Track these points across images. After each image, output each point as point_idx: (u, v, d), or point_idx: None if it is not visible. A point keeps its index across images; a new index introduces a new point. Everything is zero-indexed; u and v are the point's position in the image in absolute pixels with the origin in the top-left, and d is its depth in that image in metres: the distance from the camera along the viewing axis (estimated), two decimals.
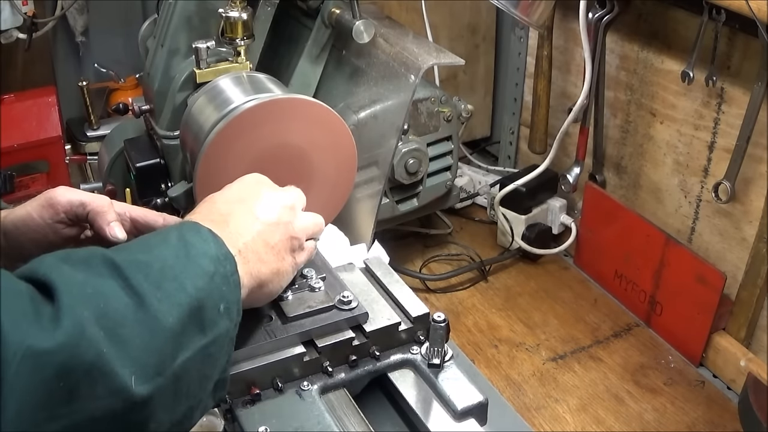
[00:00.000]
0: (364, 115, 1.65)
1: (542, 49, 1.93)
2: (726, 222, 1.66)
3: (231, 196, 0.85)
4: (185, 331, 0.65)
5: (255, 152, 1.15)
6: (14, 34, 2.07)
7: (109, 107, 2.31)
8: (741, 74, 1.55)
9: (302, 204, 0.92)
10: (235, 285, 0.73)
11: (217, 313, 0.69)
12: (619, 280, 1.89)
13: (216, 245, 0.73)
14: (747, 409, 1.40)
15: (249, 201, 0.84)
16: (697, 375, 1.69)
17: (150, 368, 0.62)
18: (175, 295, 0.66)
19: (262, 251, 0.80)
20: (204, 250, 0.71)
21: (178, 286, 0.66)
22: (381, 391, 0.93)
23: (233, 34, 1.42)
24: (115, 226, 0.88)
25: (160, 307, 0.64)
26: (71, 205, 0.88)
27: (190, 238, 0.72)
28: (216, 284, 0.70)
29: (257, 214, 0.82)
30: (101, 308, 0.60)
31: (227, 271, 0.72)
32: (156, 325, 0.63)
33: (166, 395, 0.64)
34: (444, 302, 1.92)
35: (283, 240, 0.84)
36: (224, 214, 0.80)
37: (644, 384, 1.67)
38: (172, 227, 0.74)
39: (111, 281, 0.63)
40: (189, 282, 0.67)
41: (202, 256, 0.70)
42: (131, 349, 0.61)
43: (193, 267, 0.69)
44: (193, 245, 0.71)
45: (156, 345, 0.63)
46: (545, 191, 2.04)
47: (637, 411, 1.60)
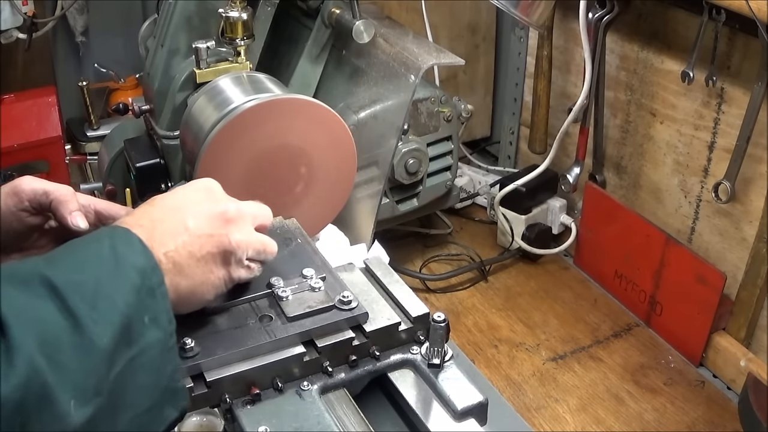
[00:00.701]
0: (364, 115, 1.65)
1: (542, 49, 1.93)
2: (726, 222, 1.66)
3: (170, 202, 0.83)
4: (117, 348, 0.67)
5: (255, 152, 1.15)
6: (14, 34, 2.07)
7: (109, 107, 2.31)
8: (741, 74, 1.55)
9: (259, 220, 0.90)
10: (162, 296, 0.73)
11: (143, 325, 0.70)
12: (619, 280, 1.89)
13: (145, 257, 0.73)
14: (747, 409, 1.40)
15: (184, 210, 0.82)
16: (697, 375, 1.69)
17: (89, 390, 0.64)
18: (108, 314, 0.67)
19: (184, 263, 0.79)
20: (133, 262, 0.72)
21: (111, 305, 0.68)
22: (381, 391, 0.93)
23: (233, 34, 1.42)
24: (77, 215, 0.89)
25: (95, 328, 0.65)
26: (35, 194, 0.90)
27: (121, 250, 0.72)
28: (141, 298, 0.71)
29: (187, 224, 0.80)
30: (42, 334, 0.62)
31: (153, 283, 0.72)
32: (91, 347, 0.65)
33: (106, 412, 0.66)
34: (444, 302, 1.92)
35: (213, 252, 0.82)
36: (155, 220, 0.79)
37: (644, 384, 1.67)
38: (105, 234, 0.74)
39: (49, 303, 0.65)
40: (120, 298, 0.69)
41: (131, 269, 0.71)
42: (70, 373, 0.63)
43: (122, 282, 0.70)
44: (124, 257, 0.71)
45: (92, 366, 0.65)
46: (545, 191, 2.04)
47: (637, 411, 1.60)
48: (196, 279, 0.80)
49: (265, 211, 0.91)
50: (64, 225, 0.89)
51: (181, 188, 0.87)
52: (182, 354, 0.83)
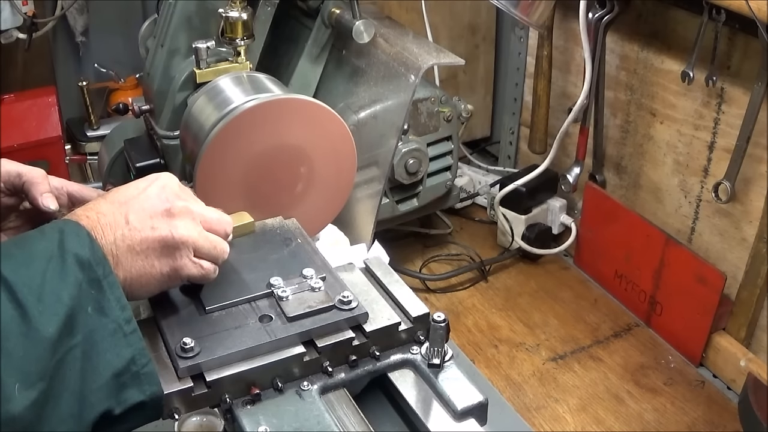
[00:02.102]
0: (364, 115, 1.65)
1: (542, 49, 1.93)
2: (726, 222, 1.66)
3: (121, 195, 0.86)
4: (61, 337, 0.71)
5: (255, 152, 1.15)
6: (14, 34, 2.07)
7: (109, 107, 2.31)
8: (741, 74, 1.55)
9: (212, 225, 0.90)
10: (110, 286, 0.76)
11: (86, 314, 0.73)
12: (619, 280, 1.89)
13: (91, 249, 0.76)
14: (747, 409, 1.40)
15: (129, 204, 0.85)
16: (697, 375, 1.69)
17: (32, 375, 0.68)
18: (53, 306, 0.71)
19: (122, 255, 0.82)
20: (78, 255, 0.75)
21: (57, 298, 0.72)
22: (381, 391, 0.93)
23: (233, 34, 1.42)
24: (47, 197, 0.92)
25: (41, 318, 0.70)
26: (9, 175, 0.93)
27: (68, 244, 0.75)
28: (84, 290, 0.74)
29: (129, 218, 0.83)
30: None
31: (99, 275, 0.75)
32: (37, 336, 0.69)
33: (48, 394, 0.70)
34: (444, 302, 1.92)
35: (153, 246, 0.83)
36: (100, 213, 0.82)
37: (644, 384, 1.67)
38: (56, 229, 0.77)
39: (1, 294, 0.69)
40: (65, 293, 0.72)
41: (74, 264, 0.74)
42: (15, 359, 0.67)
43: (67, 277, 0.73)
44: (69, 251, 0.75)
45: (37, 354, 0.69)
46: (545, 191, 2.04)
47: (637, 411, 1.60)
48: (133, 272, 0.83)
49: (223, 218, 0.92)
50: (36, 206, 0.92)
51: (136, 182, 0.89)
52: (182, 354, 0.83)
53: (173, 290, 0.93)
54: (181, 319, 0.89)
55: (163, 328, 0.88)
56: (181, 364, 0.83)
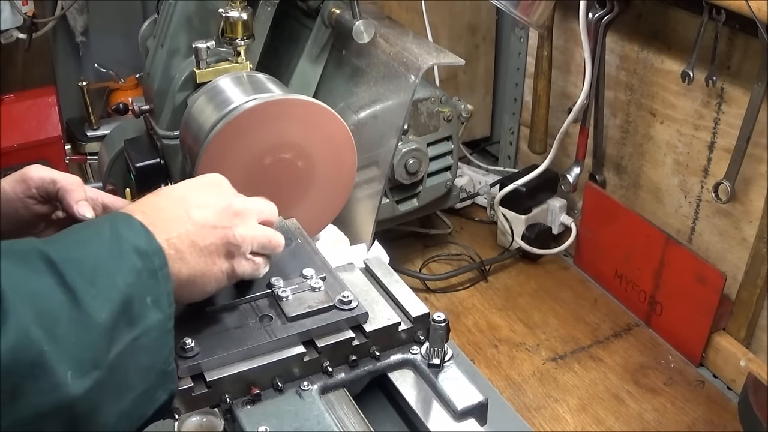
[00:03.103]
0: (364, 115, 1.65)
1: (542, 49, 1.93)
2: (726, 222, 1.66)
3: (176, 192, 0.84)
4: (116, 325, 0.68)
5: (255, 152, 1.15)
6: (14, 34, 2.07)
7: (109, 107, 2.31)
8: (741, 74, 1.55)
9: (264, 216, 0.89)
10: (164, 278, 0.74)
11: (145, 305, 0.71)
12: (619, 280, 1.89)
13: (146, 239, 0.74)
14: (747, 409, 1.40)
15: (188, 200, 0.83)
16: (697, 375, 1.69)
17: (86, 363, 0.65)
18: (107, 291, 0.68)
19: (186, 251, 0.79)
20: (135, 244, 0.72)
21: (110, 283, 0.68)
22: (381, 391, 0.93)
23: (233, 34, 1.42)
24: (83, 204, 0.89)
25: (93, 303, 0.66)
26: (42, 182, 0.90)
27: (123, 232, 0.73)
28: (143, 279, 0.71)
29: (191, 213, 0.81)
30: (39, 307, 0.63)
31: (155, 265, 0.73)
32: (89, 322, 0.66)
33: (106, 388, 0.66)
34: (444, 302, 1.92)
35: (216, 243, 0.82)
36: (158, 208, 0.80)
37: (644, 384, 1.67)
38: (106, 219, 0.75)
39: (47, 278, 0.65)
40: (120, 278, 0.69)
41: (131, 252, 0.72)
42: (67, 345, 0.64)
43: (123, 263, 0.70)
44: (125, 239, 0.72)
45: (90, 340, 0.65)
46: (545, 191, 2.04)
47: (637, 411, 1.60)
48: (197, 269, 0.80)
49: (271, 208, 0.91)
50: (71, 214, 0.89)
51: (189, 181, 0.87)
52: (182, 354, 0.83)
53: None
54: (180, 319, 0.89)
55: None
56: (181, 364, 0.83)
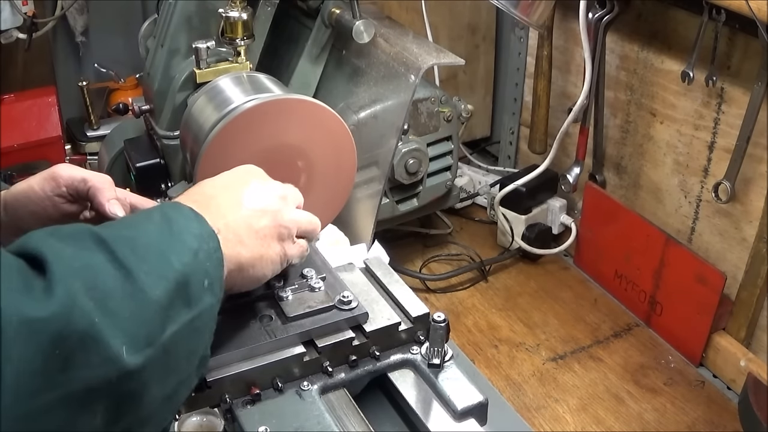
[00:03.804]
0: (364, 115, 1.65)
1: (542, 49, 1.93)
2: (726, 222, 1.66)
3: (219, 182, 0.85)
4: (172, 304, 0.66)
5: (255, 152, 1.15)
6: (14, 34, 2.07)
7: (109, 107, 2.31)
8: (741, 74, 1.55)
9: (297, 201, 0.91)
10: (218, 262, 0.73)
11: (202, 288, 0.70)
12: (619, 280, 1.89)
13: (198, 223, 0.73)
14: (747, 409, 1.40)
15: (236, 187, 0.84)
16: (697, 375, 1.69)
17: (140, 339, 0.63)
18: (161, 268, 0.67)
19: (244, 234, 0.80)
20: (187, 227, 0.72)
21: (164, 261, 0.67)
22: (381, 391, 0.93)
23: (233, 34, 1.42)
24: (114, 203, 0.89)
25: (146, 279, 0.65)
26: (73, 180, 0.89)
27: (174, 216, 0.72)
28: (200, 260, 0.70)
29: (242, 199, 0.82)
30: (90, 281, 0.61)
31: (210, 248, 0.72)
32: (143, 298, 0.64)
33: (157, 367, 0.65)
34: (444, 302, 1.92)
35: (269, 226, 0.83)
36: (209, 196, 0.81)
37: (644, 384, 1.67)
38: (155, 207, 0.75)
39: (98, 254, 0.64)
40: (174, 257, 0.68)
41: (185, 233, 0.71)
42: (121, 320, 0.62)
43: (177, 243, 0.70)
44: (176, 222, 0.72)
45: (144, 317, 0.64)
46: (545, 191, 2.04)
47: (637, 411, 1.60)
48: (255, 251, 0.81)
49: (298, 193, 0.92)
50: (101, 212, 0.89)
51: (227, 172, 0.88)
52: None
53: None
54: None
55: None
56: None
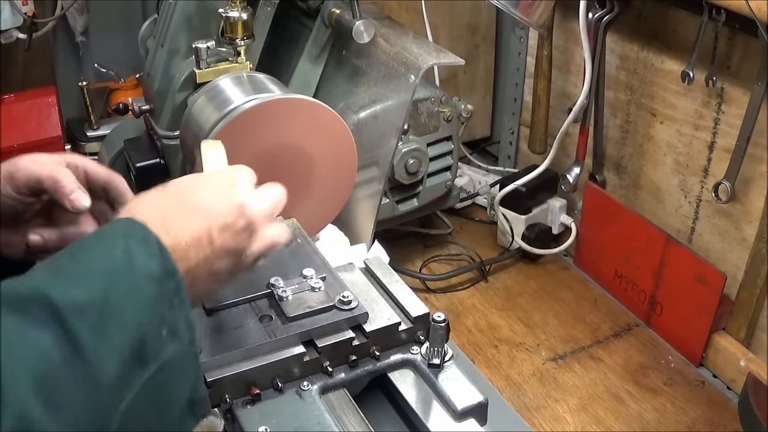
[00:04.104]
0: (364, 115, 1.65)
1: (542, 49, 1.93)
2: (726, 222, 1.66)
3: (195, 200, 0.76)
4: (127, 372, 0.62)
5: (255, 152, 1.15)
6: (14, 34, 2.07)
7: (109, 107, 2.31)
8: (741, 74, 1.55)
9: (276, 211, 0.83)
10: (180, 303, 0.68)
11: (160, 339, 0.65)
12: (619, 280, 1.89)
13: (162, 261, 0.67)
14: (747, 409, 1.40)
15: (213, 218, 0.75)
16: (697, 375, 1.69)
17: (93, 425, 0.59)
18: (115, 337, 0.61)
19: (200, 278, 0.74)
20: (149, 269, 0.66)
21: (120, 326, 0.62)
22: (381, 391, 0.93)
23: (233, 34, 1.42)
24: (76, 198, 0.85)
25: (99, 362, 0.60)
26: (28, 181, 0.86)
27: (136, 253, 0.66)
28: (158, 310, 0.65)
29: (213, 237, 0.74)
30: (40, 371, 0.57)
31: (171, 291, 0.67)
32: (96, 379, 0.60)
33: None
34: (444, 302, 1.92)
35: (229, 269, 0.77)
36: (182, 226, 0.72)
37: (644, 384, 1.67)
38: (120, 233, 0.67)
39: (50, 331, 0.59)
40: (131, 316, 0.63)
41: (145, 280, 0.65)
42: (71, 413, 0.58)
43: (135, 294, 0.64)
44: (139, 265, 0.65)
45: (97, 399, 0.60)
46: (545, 191, 2.04)
47: (637, 411, 1.60)
48: (205, 290, 0.77)
49: (281, 197, 0.84)
50: (66, 209, 0.86)
51: (207, 179, 0.81)
52: None
53: None
54: None
55: None
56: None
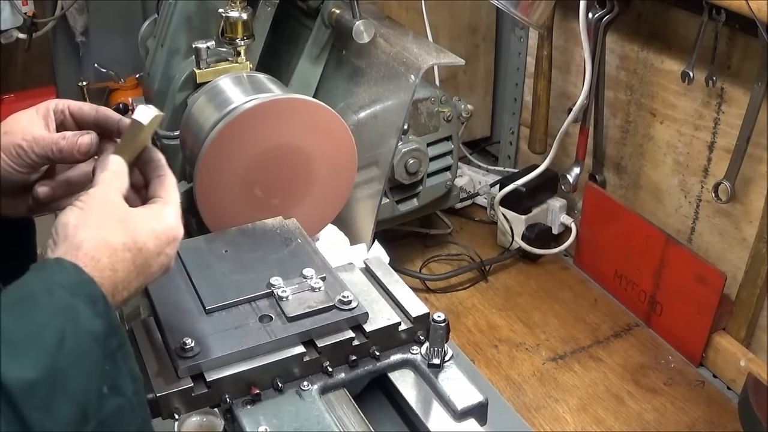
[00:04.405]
0: (364, 115, 1.65)
1: (542, 49, 1.93)
2: (726, 222, 1.66)
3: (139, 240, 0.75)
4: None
5: (255, 152, 1.15)
6: (14, 34, 2.07)
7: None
8: (741, 74, 1.55)
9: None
10: (124, 357, 0.69)
11: (101, 397, 0.66)
12: (619, 280, 1.89)
13: (107, 317, 0.68)
14: (747, 409, 1.40)
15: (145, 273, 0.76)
16: (697, 375, 1.69)
17: None
18: (62, 410, 0.63)
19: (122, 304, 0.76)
20: (95, 330, 0.67)
21: (66, 397, 0.63)
22: (381, 391, 0.93)
23: (233, 34, 1.42)
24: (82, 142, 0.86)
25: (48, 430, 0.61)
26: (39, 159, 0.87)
27: (83, 314, 0.66)
28: (101, 369, 0.66)
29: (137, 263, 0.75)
30: None
31: (114, 347, 0.68)
32: None
33: None
34: (444, 302, 1.92)
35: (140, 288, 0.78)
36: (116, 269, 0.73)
37: (644, 384, 1.67)
38: (67, 289, 0.67)
39: (3, 417, 0.59)
40: (77, 384, 0.64)
41: (92, 341, 0.66)
42: None
43: (82, 359, 0.65)
44: (85, 328, 0.66)
45: None
46: (545, 191, 2.04)
47: (637, 411, 1.60)
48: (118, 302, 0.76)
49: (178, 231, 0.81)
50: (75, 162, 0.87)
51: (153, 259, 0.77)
52: (182, 354, 0.83)
53: (174, 290, 0.94)
54: (181, 319, 0.89)
55: (163, 328, 0.88)
56: (181, 364, 0.83)
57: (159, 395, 0.82)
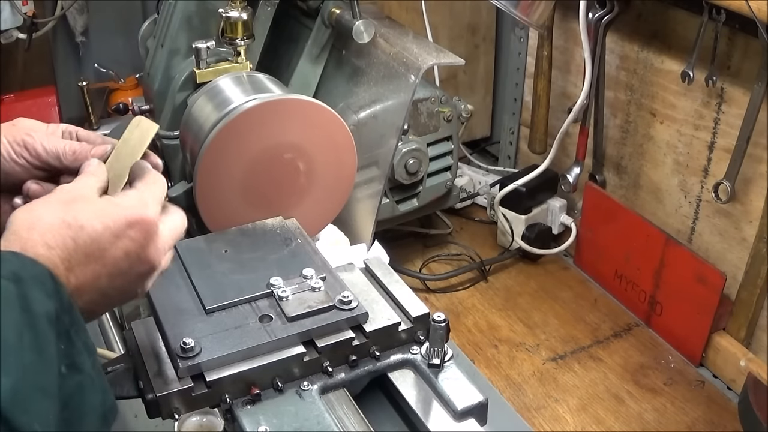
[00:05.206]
0: (364, 115, 1.65)
1: (542, 49, 1.93)
2: (726, 222, 1.66)
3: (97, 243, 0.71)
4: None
5: (255, 152, 1.14)
6: (14, 34, 2.07)
7: (109, 107, 2.31)
8: (741, 74, 1.55)
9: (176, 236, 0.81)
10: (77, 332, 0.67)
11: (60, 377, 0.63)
12: (619, 280, 1.89)
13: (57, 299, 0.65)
14: (747, 409, 1.40)
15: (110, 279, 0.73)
16: (697, 375, 1.69)
17: None
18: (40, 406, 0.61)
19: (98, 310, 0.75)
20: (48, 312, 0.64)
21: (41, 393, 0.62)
22: (381, 391, 0.93)
23: (233, 34, 1.42)
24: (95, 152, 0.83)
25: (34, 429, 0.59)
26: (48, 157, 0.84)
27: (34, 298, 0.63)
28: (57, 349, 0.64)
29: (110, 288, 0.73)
30: None
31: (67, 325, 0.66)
32: None
33: None
34: (444, 302, 1.92)
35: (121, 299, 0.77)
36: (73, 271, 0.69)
37: (644, 384, 1.67)
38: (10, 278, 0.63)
39: None
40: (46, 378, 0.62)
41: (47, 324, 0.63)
42: None
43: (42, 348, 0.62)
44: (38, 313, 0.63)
45: None
46: (545, 191, 2.04)
47: (637, 411, 1.60)
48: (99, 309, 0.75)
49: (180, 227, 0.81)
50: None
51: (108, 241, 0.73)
52: (182, 354, 0.83)
53: (174, 290, 0.93)
54: (181, 319, 0.89)
55: (163, 328, 0.88)
56: (181, 364, 0.83)
57: (159, 395, 0.81)
